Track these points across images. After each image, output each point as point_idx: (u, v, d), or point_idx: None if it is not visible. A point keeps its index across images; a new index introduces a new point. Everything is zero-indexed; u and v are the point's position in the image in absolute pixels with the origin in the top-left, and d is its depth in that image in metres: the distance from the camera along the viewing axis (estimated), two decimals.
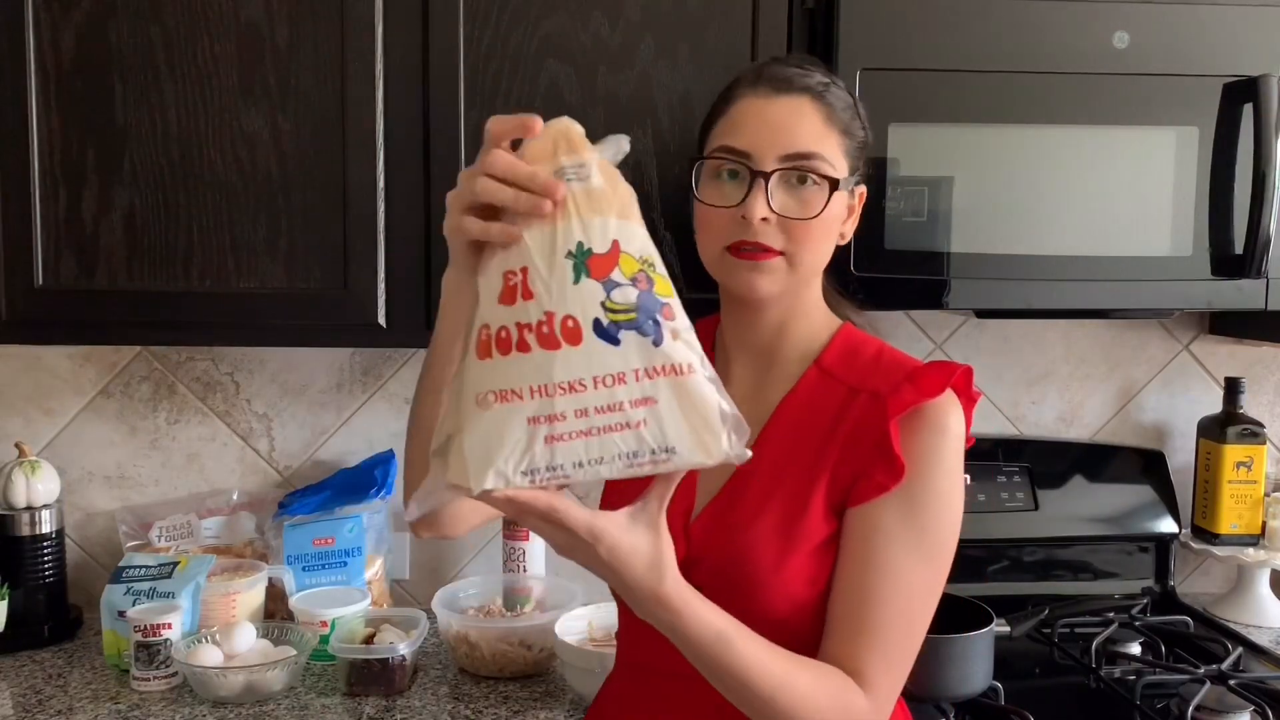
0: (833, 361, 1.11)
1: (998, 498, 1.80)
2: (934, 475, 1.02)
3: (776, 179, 1.03)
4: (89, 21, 1.40)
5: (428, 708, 1.44)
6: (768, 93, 1.06)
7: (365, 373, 1.83)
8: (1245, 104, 1.42)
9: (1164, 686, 1.48)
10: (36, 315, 1.43)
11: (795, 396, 1.09)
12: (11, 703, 1.44)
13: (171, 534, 1.73)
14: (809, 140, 1.04)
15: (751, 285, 1.06)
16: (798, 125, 1.05)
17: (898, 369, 1.07)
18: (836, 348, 1.12)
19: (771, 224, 1.03)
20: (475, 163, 0.82)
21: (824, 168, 1.04)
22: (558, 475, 0.75)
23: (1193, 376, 1.95)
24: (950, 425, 1.03)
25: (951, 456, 1.03)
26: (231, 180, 1.42)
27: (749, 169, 1.04)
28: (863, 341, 1.14)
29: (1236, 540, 1.82)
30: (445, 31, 1.41)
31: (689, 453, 0.77)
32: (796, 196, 1.04)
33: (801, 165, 1.04)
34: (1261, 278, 1.45)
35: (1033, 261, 1.44)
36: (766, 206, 1.03)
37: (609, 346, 0.75)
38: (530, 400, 0.74)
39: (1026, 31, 1.40)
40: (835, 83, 1.09)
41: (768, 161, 1.04)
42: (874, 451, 1.01)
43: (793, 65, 1.09)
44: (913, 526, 1.01)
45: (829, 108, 1.06)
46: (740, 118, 1.06)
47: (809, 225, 1.04)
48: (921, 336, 1.90)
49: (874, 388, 1.05)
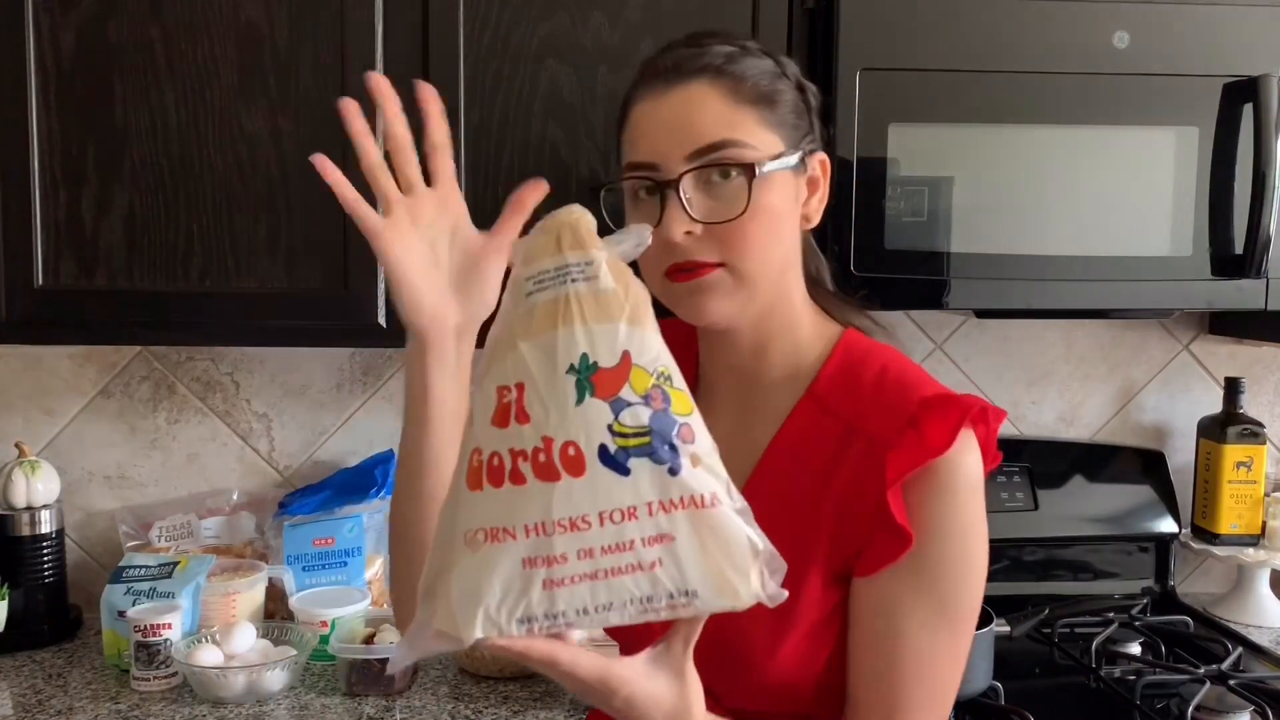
0: (827, 389, 0.95)
1: (998, 498, 1.80)
2: (948, 539, 0.89)
3: (690, 183, 0.89)
4: (89, 21, 1.40)
5: (428, 708, 1.44)
6: (659, 88, 0.91)
7: (365, 373, 1.83)
8: (1245, 104, 1.42)
9: (1164, 686, 1.48)
10: (36, 315, 1.43)
11: (785, 437, 0.95)
12: (11, 703, 1.44)
13: (171, 534, 1.73)
14: (714, 128, 0.89)
15: (699, 310, 0.91)
16: (698, 115, 0.89)
17: (901, 404, 0.90)
18: (833, 368, 0.96)
19: (699, 235, 0.89)
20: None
21: (740, 154, 0.89)
22: (558, 623, 0.66)
23: (1193, 376, 1.95)
24: (961, 481, 0.89)
25: (967, 514, 0.90)
26: (231, 180, 1.42)
27: (655, 182, 0.90)
28: (864, 355, 0.96)
29: (1236, 540, 1.82)
30: (445, 31, 1.41)
31: (713, 596, 0.66)
32: (719, 196, 0.89)
33: (712, 160, 0.89)
34: (1261, 278, 1.45)
35: (1033, 261, 1.44)
36: (686, 218, 0.88)
37: (617, 477, 0.65)
38: (525, 539, 0.65)
39: (1026, 31, 1.40)
40: (747, 48, 0.93)
41: (674, 166, 0.89)
42: (875, 517, 0.87)
43: (685, 46, 0.93)
44: (933, 597, 0.89)
45: (735, 80, 0.91)
46: (638, 127, 0.93)
47: (741, 226, 0.89)
48: (921, 336, 1.90)
49: (871, 430, 0.90)
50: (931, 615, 0.89)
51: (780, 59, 0.96)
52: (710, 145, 0.89)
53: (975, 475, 0.91)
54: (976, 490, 0.91)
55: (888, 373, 0.94)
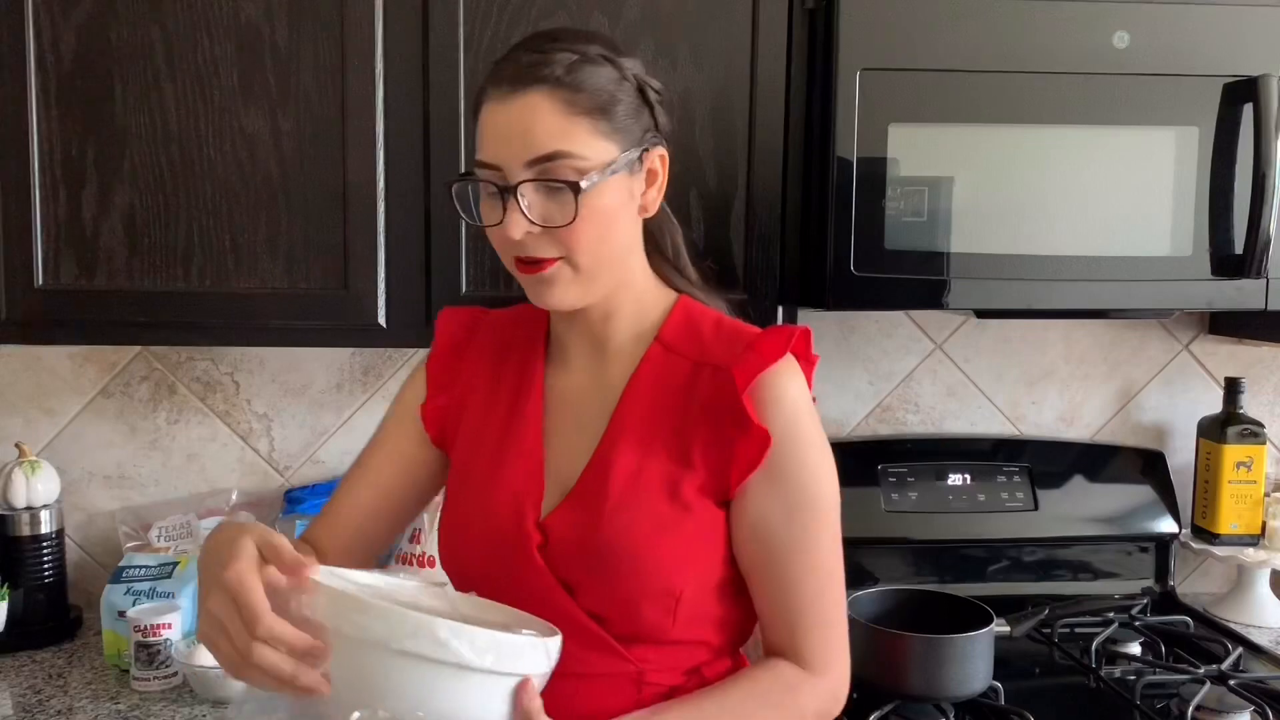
0: (673, 336, 1.09)
1: (998, 498, 1.80)
2: (796, 441, 1.02)
3: (529, 188, 0.98)
4: (89, 21, 1.40)
5: None
6: (505, 93, 0.99)
7: (365, 373, 1.83)
8: (1245, 104, 1.42)
9: (1164, 686, 1.48)
10: (36, 315, 1.43)
11: (641, 376, 1.08)
12: (11, 703, 1.44)
13: (171, 534, 1.73)
14: (549, 139, 0.97)
15: (542, 298, 1.03)
16: (535, 125, 0.97)
17: (737, 338, 1.06)
18: (675, 322, 1.10)
19: (539, 234, 0.99)
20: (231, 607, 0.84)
21: (568, 168, 0.98)
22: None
23: (1193, 376, 1.95)
24: (797, 394, 1.03)
25: (806, 421, 1.04)
26: (231, 180, 1.42)
27: (497, 186, 0.99)
28: (700, 314, 1.11)
29: (1236, 540, 1.82)
30: (445, 31, 1.41)
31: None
32: (555, 200, 0.99)
33: (545, 171, 0.98)
34: (1261, 278, 1.45)
35: (1033, 261, 1.44)
36: (525, 221, 0.98)
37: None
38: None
39: (1026, 31, 1.40)
40: (588, 55, 1.00)
41: (515, 172, 0.98)
42: (734, 429, 1.01)
43: (532, 50, 1.00)
44: (797, 502, 1.02)
45: (572, 91, 0.98)
46: (485, 127, 1.01)
47: (573, 229, 0.98)
48: (921, 336, 1.90)
49: (716, 360, 1.05)
50: (800, 517, 1.03)
51: (620, 62, 1.03)
52: (544, 156, 0.98)
53: (804, 390, 1.05)
54: (808, 401, 1.05)
55: (723, 321, 1.10)
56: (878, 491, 1.77)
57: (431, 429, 1.17)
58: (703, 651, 1.07)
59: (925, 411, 1.91)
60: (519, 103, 0.98)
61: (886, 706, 1.37)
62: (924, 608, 1.47)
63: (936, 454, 1.84)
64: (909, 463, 1.81)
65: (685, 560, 1.02)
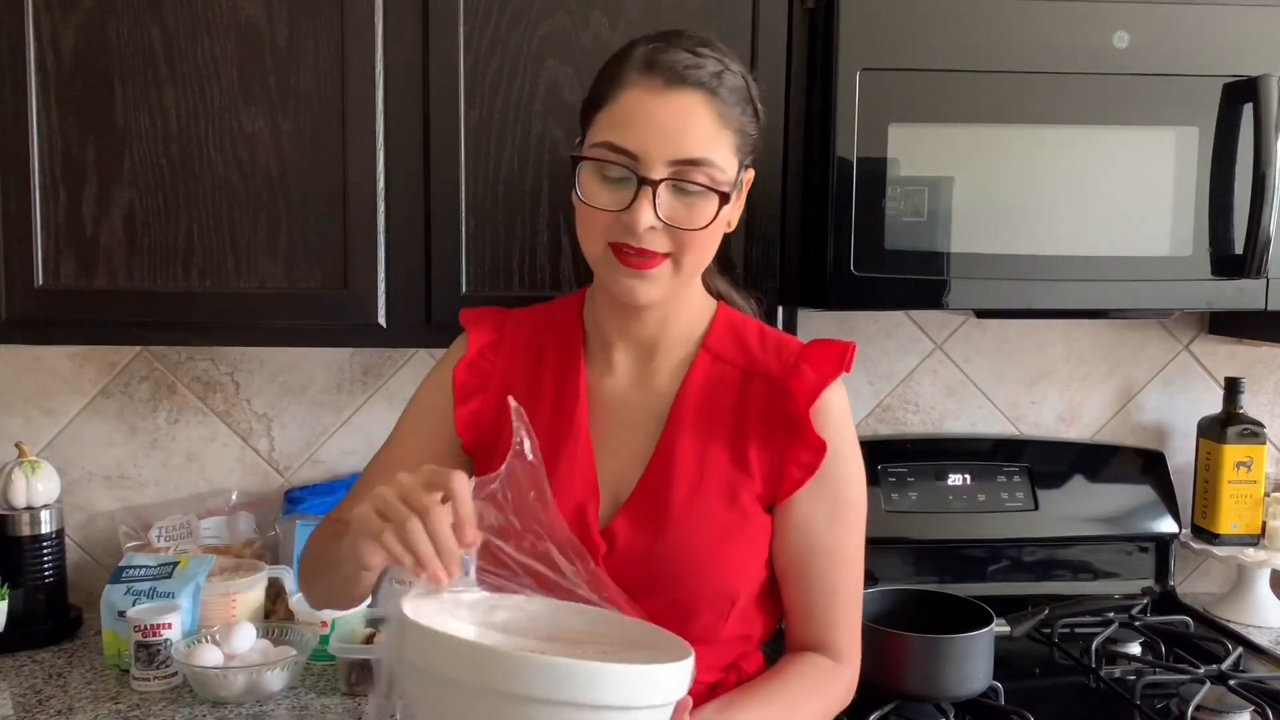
0: (719, 344, 1.12)
1: (998, 498, 1.80)
2: (843, 455, 1.08)
3: (664, 185, 0.99)
4: (89, 21, 1.40)
5: None
6: (659, 86, 0.99)
7: (365, 373, 1.83)
8: (1245, 104, 1.42)
9: (1164, 686, 1.48)
10: (36, 315, 1.43)
11: (692, 382, 1.10)
12: (11, 703, 1.44)
13: (170, 534, 1.73)
14: (700, 145, 0.99)
15: (634, 294, 1.04)
16: (689, 127, 0.99)
17: (785, 350, 1.11)
18: (719, 330, 1.13)
19: (658, 230, 1.00)
20: (412, 494, 0.85)
21: (714, 175, 1.00)
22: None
23: (1193, 376, 1.95)
24: (843, 406, 1.10)
25: (850, 432, 1.10)
26: (231, 180, 1.42)
27: (636, 175, 0.99)
28: (743, 322, 1.15)
29: (1236, 540, 1.82)
30: (445, 31, 1.41)
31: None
32: (685, 203, 1.00)
33: (691, 176, 0.99)
34: (1261, 278, 1.45)
35: (1033, 261, 1.44)
36: (654, 215, 0.99)
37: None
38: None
39: (1026, 31, 1.40)
40: (729, 66, 1.04)
41: (656, 167, 0.99)
42: (792, 438, 1.06)
43: (684, 49, 1.02)
44: (838, 507, 1.08)
45: (722, 104, 1.01)
46: (628, 114, 1.00)
47: (696, 235, 1.01)
48: (921, 336, 1.90)
49: (768, 370, 1.09)
50: (839, 521, 1.08)
51: (749, 79, 1.07)
52: (694, 160, 0.99)
53: (848, 401, 1.11)
54: (850, 412, 1.11)
55: (765, 331, 1.14)
56: (878, 491, 1.77)
57: (465, 435, 1.16)
58: (742, 647, 1.11)
59: (925, 411, 1.91)
60: (675, 100, 0.99)
61: (886, 706, 1.37)
62: (924, 608, 1.47)
63: (936, 454, 1.84)
64: (909, 463, 1.81)
65: (744, 566, 1.06)
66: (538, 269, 1.46)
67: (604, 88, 1.04)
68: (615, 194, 1.00)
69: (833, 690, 1.10)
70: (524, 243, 1.45)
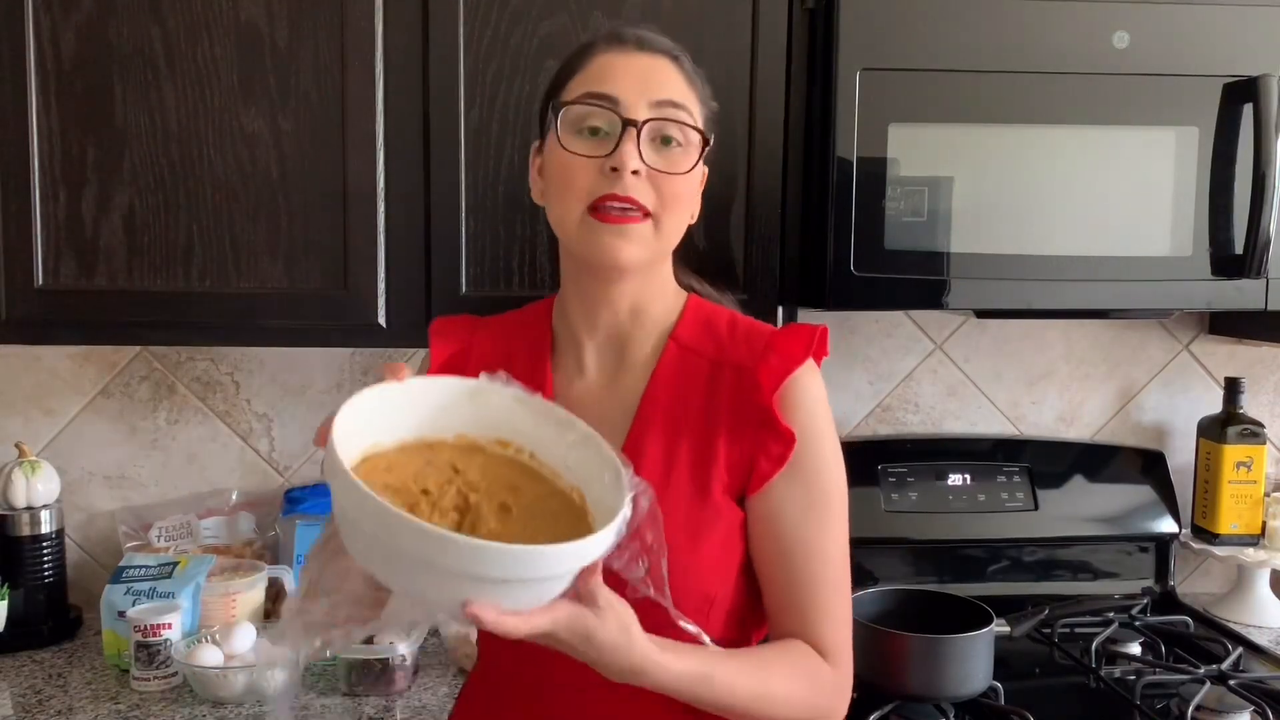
0: (688, 335, 1.09)
1: (998, 498, 1.80)
2: (816, 439, 1.04)
3: (646, 134, 0.99)
4: (89, 21, 1.40)
5: (428, 708, 1.44)
6: (630, 48, 1.03)
7: (365, 373, 1.83)
8: (1245, 104, 1.42)
9: (1164, 686, 1.48)
10: (36, 315, 1.43)
11: (660, 376, 1.07)
12: (11, 703, 1.44)
13: (170, 534, 1.73)
14: (676, 92, 1.02)
15: (615, 251, 1.00)
16: (665, 78, 1.02)
17: (755, 337, 1.07)
18: (689, 320, 1.10)
19: (642, 178, 0.99)
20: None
21: (693, 121, 1.02)
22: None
23: (1193, 376, 1.95)
24: (816, 392, 1.06)
25: (824, 419, 1.06)
26: (231, 180, 1.42)
27: (619, 116, 0.99)
28: (713, 312, 1.12)
29: (1236, 540, 1.82)
30: (445, 31, 1.41)
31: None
32: (665, 155, 1.01)
33: (673, 115, 1.00)
34: (1261, 278, 1.45)
35: (1033, 261, 1.44)
36: (638, 158, 0.98)
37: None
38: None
39: (1026, 31, 1.40)
40: (684, 52, 1.07)
41: (639, 109, 0.99)
42: (760, 429, 1.03)
43: (642, 30, 1.06)
44: (814, 498, 1.03)
45: (687, 73, 1.05)
46: (604, 69, 1.02)
47: (677, 185, 1.01)
48: (921, 336, 1.90)
49: (737, 360, 1.06)
50: (816, 513, 1.03)
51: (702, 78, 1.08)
52: (674, 102, 1.01)
53: (823, 388, 1.07)
54: (825, 399, 1.07)
55: (737, 319, 1.11)
56: (878, 491, 1.77)
57: None
58: (727, 646, 1.05)
59: (925, 411, 1.91)
60: (646, 59, 1.02)
61: (886, 706, 1.37)
62: (924, 608, 1.47)
63: (936, 454, 1.84)
64: (909, 463, 1.82)
65: (719, 563, 1.03)
66: (538, 269, 1.46)
67: (571, 65, 1.06)
68: (596, 147, 1.00)
69: (818, 681, 1.02)
70: (524, 243, 1.45)
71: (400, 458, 0.89)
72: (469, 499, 0.88)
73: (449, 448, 0.92)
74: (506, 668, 1.09)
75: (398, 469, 0.88)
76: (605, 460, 0.90)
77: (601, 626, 0.86)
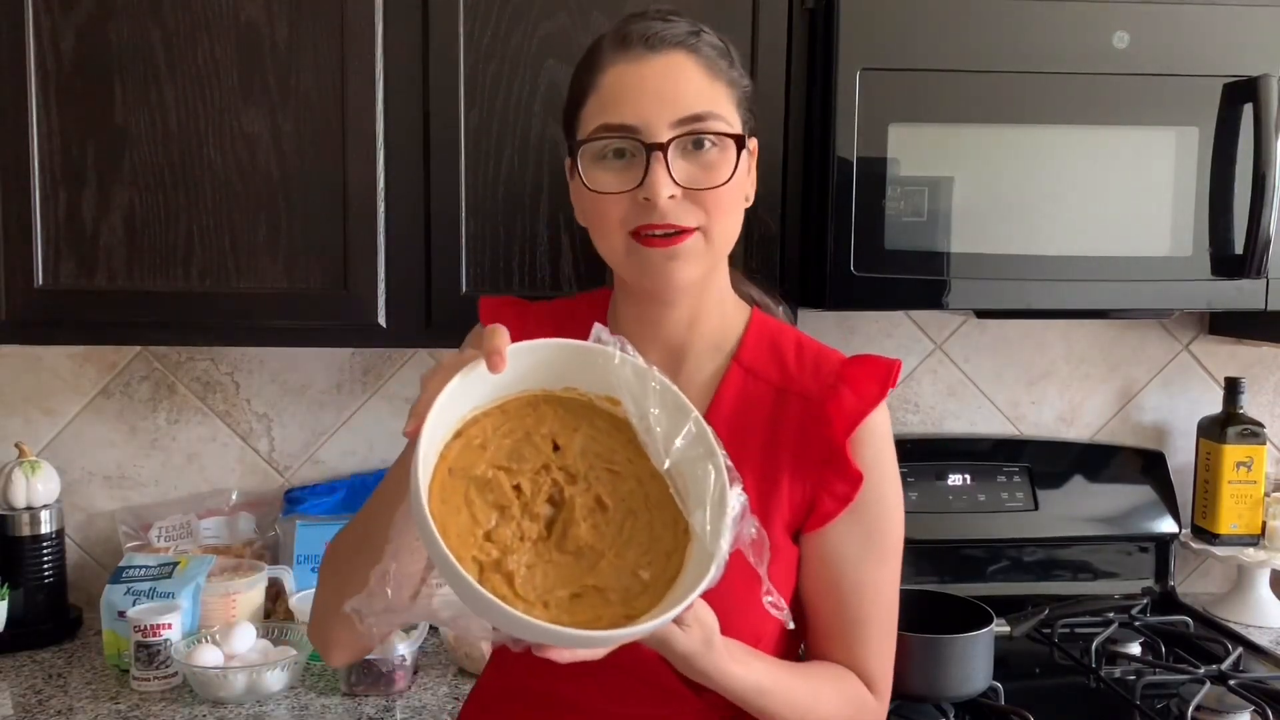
0: (752, 358, 1.03)
1: (998, 498, 1.80)
2: (880, 483, 1.00)
3: (674, 148, 0.92)
4: (89, 21, 1.40)
5: (428, 708, 1.44)
6: (638, 54, 0.94)
7: (365, 373, 1.83)
8: (1245, 104, 1.42)
9: (1164, 686, 1.48)
10: (36, 315, 1.43)
11: (722, 400, 1.01)
12: (11, 703, 1.44)
13: (170, 534, 1.73)
14: (699, 100, 0.93)
15: (671, 276, 0.95)
16: (682, 84, 0.93)
17: (825, 367, 1.02)
18: (752, 340, 1.04)
19: (679, 199, 0.92)
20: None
21: (723, 127, 0.94)
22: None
23: (1193, 376, 1.95)
24: (883, 429, 1.01)
25: (890, 458, 1.02)
26: (231, 180, 1.42)
27: (641, 143, 0.92)
28: (778, 331, 1.06)
29: (1236, 540, 1.82)
30: (445, 31, 1.41)
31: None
32: (699, 163, 0.93)
33: (699, 129, 0.92)
34: (1261, 278, 1.45)
35: (1033, 261, 1.44)
36: (671, 182, 0.91)
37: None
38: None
39: (1026, 31, 1.40)
40: (702, 28, 0.98)
41: (660, 131, 0.91)
42: (825, 467, 0.98)
43: (654, 18, 0.97)
44: (874, 539, 1.00)
45: (706, 59, 0.95)
46: (616, 91, 0.94)
47: (720, 193, 0.93)
48: (921, 336, 1.90)
49: (803, 389, 1.00)
50: (874, 553, 1.00)
51: (726, 41, 1.00)
52: (695, 115, 0.93)
53: (889, 424, 1.03)
54: (891, 437, 1.03)
55: (803, 342, 1.05)
56: None
57: None
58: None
59: (925, 411, 1.91)
60: (659, 62, 0.93)
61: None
62: (924, 607, 1.47)
63: (936, 454, 1.84)
64: (909, 463, 1.79)
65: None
66: (538, 269, 1.46)
67: (583, 80, 0.98)
68: (624, 175, 0.93)
69: (863, 709, 1.01)
70: (524, 243, 1.45)
71: (501, 424, 0.84)
72: (564, 492, 0.83)
73: (553, 411, 0.86)
74: (517, 679, 1.06)
75: (493, 446, 0.83)
76: (714, 470, 0.84)
77: (685, 638, 0.85)
